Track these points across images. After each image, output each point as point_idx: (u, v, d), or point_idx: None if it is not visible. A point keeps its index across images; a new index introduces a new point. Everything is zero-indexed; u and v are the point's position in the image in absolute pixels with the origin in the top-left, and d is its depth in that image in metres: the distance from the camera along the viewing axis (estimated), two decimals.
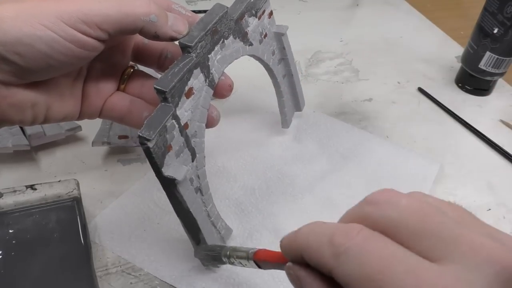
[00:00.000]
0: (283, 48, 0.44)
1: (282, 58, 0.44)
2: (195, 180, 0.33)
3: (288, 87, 0.47)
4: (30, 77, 0.27)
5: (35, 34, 0.25)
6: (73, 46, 0.26)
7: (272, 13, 0.41)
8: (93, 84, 0.32)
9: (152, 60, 0.34)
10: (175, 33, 0.29)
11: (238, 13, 0.35)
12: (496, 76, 0.57)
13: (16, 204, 0.37)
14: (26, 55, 0.25)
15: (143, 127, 0.27)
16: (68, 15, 0.26)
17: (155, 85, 0.28)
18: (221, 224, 0.36)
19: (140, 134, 0.27)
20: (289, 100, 0.48)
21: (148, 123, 0.28)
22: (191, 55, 0.30)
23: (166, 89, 0.28)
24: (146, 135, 0.27)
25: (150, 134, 0.27)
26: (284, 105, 0.47)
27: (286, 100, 0.47)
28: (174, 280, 0.36)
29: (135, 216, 0.40)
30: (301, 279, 0.21)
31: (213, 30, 0.32)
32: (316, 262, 0.20)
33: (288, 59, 0.45)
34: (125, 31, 0.28)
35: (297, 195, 0.43)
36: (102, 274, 0.36)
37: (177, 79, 0.29)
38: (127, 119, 0.33)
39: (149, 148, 0.27)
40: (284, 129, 0.49)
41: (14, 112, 0.28)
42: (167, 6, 0.32)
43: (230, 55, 0.35)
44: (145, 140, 0.27)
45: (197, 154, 0.32)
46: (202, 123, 0.33)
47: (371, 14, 0.74)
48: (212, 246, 0.33)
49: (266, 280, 0.36)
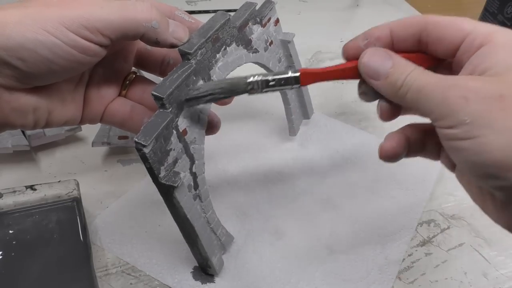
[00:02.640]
0: (289, 56, 0.44)
1: (289, 66, 0.44)
2: (193, 187, 0.33)
3: (295, 95, 0.47)
4: (32, 82, 0.27)
5: (37, 39, 0.25)
6: (75, 52, 0.26)
7: (279, 20, 0.41)
8: (95, 90, 0.32)
9: (155, 66, 0.34)
10: (175, 40, 0.30)
11: (241, 21, 0.35)
12: None
13: (16, 205, 0.37)
14: (28, 60, 0.25)
15: (139, 133, 0.28)
16: (70, 21, 0.26)
17: (152, 92, 0.28)
18: (221, 231, 0.36)
19: (136, 140, 0.27)
20: (297, 107, 0.48)
21: (144, 129, 0.28)
22: (190, 62, 0.30)
23: (164, 96, 0.28)
24: (142, 141, 0.27)
25: (146, 140, 0.27)
26: (291, 112, 0.46)
27: (293, 107, 0.46)
28: (177, 283, 0.36)
29: (136, 218, 0.40)
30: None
31: (214, 38, 0.32)
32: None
33: (295, 67, 0.44)
34: (126, 37, 0.28)
35: (298, 197, 0.43)
36: (102, 274, 0.36)
37: (175, 86, 0.29)
38: (128, 124, 0.33)
39: (145, 154, 0.27)
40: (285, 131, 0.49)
41: (16, 116, 0.28)
42: (170, 12, 0.32)
43: (233, 62, 0.35)
44: (141, 146, 0.27)
45: (196, 160, 0.32)
46: (201, 130, 0.33)
47: (371, 14, 0.74)
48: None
49: (269, 281, 0.36)
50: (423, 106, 0.24)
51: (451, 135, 0.23)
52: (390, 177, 0.45)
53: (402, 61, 0.25)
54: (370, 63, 0.26)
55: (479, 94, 0.22)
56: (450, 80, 0.23)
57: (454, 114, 0.22)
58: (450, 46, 0.25)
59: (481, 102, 0.22)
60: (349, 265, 0.38)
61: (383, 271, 0.38)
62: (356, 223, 0.41)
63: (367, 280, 0.37)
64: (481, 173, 0.22)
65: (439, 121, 0.23)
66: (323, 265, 0.38)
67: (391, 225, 0.41)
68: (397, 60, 0.25)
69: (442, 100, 0.23)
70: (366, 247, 0.39)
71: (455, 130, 0.22)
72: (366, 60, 0.26)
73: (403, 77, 0.24)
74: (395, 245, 0.39)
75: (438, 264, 0.39)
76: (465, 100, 0.22)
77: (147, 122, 0.28)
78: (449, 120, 0.23)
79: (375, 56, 0.26)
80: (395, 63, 0.25)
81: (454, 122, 0.22)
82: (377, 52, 0.26)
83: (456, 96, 0.22)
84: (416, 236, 0.41)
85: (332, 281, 0.37)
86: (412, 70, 0.24)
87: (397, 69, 0.25)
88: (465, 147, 0.22)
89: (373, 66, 0.26)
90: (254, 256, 0.38)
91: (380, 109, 0.27)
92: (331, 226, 0.41)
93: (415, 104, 0.24)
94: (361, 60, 0.26)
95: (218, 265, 0.36)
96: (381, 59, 0.26)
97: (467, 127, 0.22)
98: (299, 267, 0.37)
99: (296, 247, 0.39)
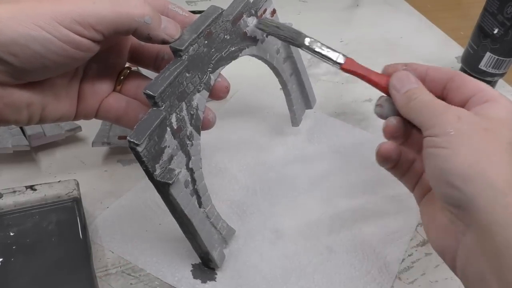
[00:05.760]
0: (288, 46, 0.43)
1: (288, 56, 0.44)
2: (190, 183, 0.33)
3: (296, 85, 0.46)
4: (25, 78, 0.27)
5: (29, 34, 0.25)
6: (67, 47, 0.26)
7: (275, 11, 0.41)
8: (89, 85, 0.32)
9: (149, 61, 0.34)
10: (167, 36, 0.30)
11: (235, 14, 0.35)
12: (496, 77, 0.56)
13: (16, 205, 0.37)
14: (21, 56, 0.25)
15: (132, 132, 0.28)
16: (62, 16, 0.26)
17: (144, 91, 0.28)
18: (221, 225, 0.36)
19: (129, 138, 0.27)
20: (298, 98, 0.47)
21: (137, 128, 0.28)
22: (182, 58, 0.30)
23: (155, 94, 0.28)
24: (135, 139, 0.27)
25: (139, 139, 0.27)
26: (293, 103, 0.46)
27: (294, 98, 0.46)
28: (177, 281, 0.36)
29: (136, 217, 0.40)
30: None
31: (207, 32, 0.32)
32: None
33: (294, 57, 0.44)
34: (119, 32, 0.28)
35: (298, 196, 0.43)
36: (102, 274, 0.36)
37: (167, 83, 0.29)
38: (123, 120, 0.33)
39: (138, 153, 0.27)
40: (285, 130, 0.49)
41: (10, 112, 0.28)
42: (164, 6, 0.32)
43: (227, 56, 0.35)
44: (134, 145, 0.27)
45: (192, 156, 0.32)
46: (197, 126, 0.33)
47: (371, 15, 0.74)
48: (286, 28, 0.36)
49: (269, 279, 0.36)
50: (422, 116, 0.29)
51: (434, 142, 0.27)
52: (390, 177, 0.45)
53: (423, 87, 0.31)
54: (402, 77, 0.31)
55: (471, 119, 0.27)
56: (453, 106, 0.28)
57: (443, 125, 0.27)
58: (464, 95, 0.30)
59: (469, 124, 0.27)
60: (349, 265, 0.38)
61: (383, 271, 0.38)
62: (356, 223, 0.41)
63: (366, 280, 0.37)
64: (444, 180, 0.26)
65: (430, 129, 0.28)
66: (323, 264, 0.38)
67: (391, 225, 0.41)
68: (421, 85, 0.31)
69: (441, 113, 0.28)
70: (366, 247, 0.39)
71: (438, 138, 0.27)
72: (400, 75, 0.31)
73: (418, 93, 0.30)
74: (395, 245, 0.39)
75: (438, 264, 0.39)
76: (458, 118, 0.27)
77: (140, 120, 0.28)
78: (437, 129, 0.27)
79: (409, 76, 0.31)
80: (419, 85, 0.31)
81: (440, 131, 0.27)
82: (410, 74, 0.31)
83: (453, 114, 0.27)
84: (416, 236, 0.41)
85: (332, 280, 0.37)
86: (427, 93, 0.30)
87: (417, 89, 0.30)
88: (440, 154, 0.26)
89: (402, 79, 0.31)
90: (254, 254, 0.38)
91: (387, 124, 0.32)
92: (331, 226, 0.41)
93: (418, 112, 0.29)
94: (396, 73, 0.32)
95: (219, 259, 0.36)
96: (411, 79, 0.31)
97: (449, 138, 0.26)
98: (299, 266, 0.37)
99: (296, 246, 0.39)
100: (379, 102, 0.33)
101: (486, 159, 0.25)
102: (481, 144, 0.26)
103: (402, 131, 0.32)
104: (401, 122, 0.31)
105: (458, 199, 0.26)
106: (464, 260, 0.27)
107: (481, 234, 0.25)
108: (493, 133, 0.26)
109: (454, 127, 0.26)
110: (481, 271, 0.25)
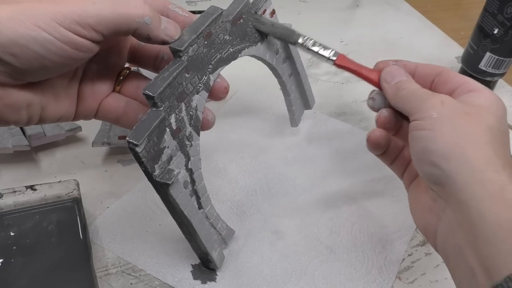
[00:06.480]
0: (287, 46, 0.43)
1: (287, 57, 0.44)
2: (190, 183, 0.33)
3: (295, 85, 0.47)
4: (25, 78, 0.27)
5: (29, 35, 0.25)
6: (67, 47, 0.26)
7: (275, 11, 0.41)
8: (88, 85, 0.32)
9: (148, 61, 0.34)
10: (167, 37, 0.30)
11: (234, 15, 0.35)
12: (496, 77, 0.57)
13: (16, 205, 0.37)
14: (21, 56, 0.25)
15: (131, 132, 0.28)
16: (62, 16, 0.26)
17: (143, 91, 0.28)
18: (221, 225, 0.36)
19: (128, 139, 0.27)
20: (297, 98, 0.47)
21: (136, 128, 0.28)
22: (181, 59, 0.30)
23: (155, 94, 0.28)
24: (134, 140, 0.27)
25: (138, 139, 0.27)
26: (292, 103, 0.46)
27: (293, 98, 0.46)
28: (177, 282, 0.36)
29: (136, 217, 0.40)
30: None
31: (206, 33, 0.32)
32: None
33: (294, 58, 0.44)
34: (119, 33, 0.28)
35: (298, 196, 0.43)
36: (102, 274, 0.36)
37: (166, 84, 0.29)
38: (122, 120, 0.33)
39: (137, 153, 0.28)
40: (285, 130, 0.49)
41: (9, 113, 0.28)
42: (164, 7, 0.32)
43: (227, 57, 0.35)
44: (133, 146, 0.27)
45: (191, 157, 0.32)
46: (196, 126, 0.33)
47: (371, 15, 0.74)
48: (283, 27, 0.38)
49: (269, 280, 0.36)
50: (409, 103, 0.31)
51: (418, 125, 0.29)
52: (390, 177, 0.45)
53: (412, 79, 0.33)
54: (393, 71, 0.33)
55: (454, 104, 0.29)
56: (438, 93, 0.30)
57: (427, 109, 0.29)
58: (450, 87, 0.32)
59: (452, 108, 0.28)
60: (349, 265, 0.38)
61: (383, 271, 0.38)
62: (356, 223, 0.41)
63: (367, 280, 0.37)
64: (427, 159, 0.28)
65: (415, 114, 0.30)
66: (323, 264, 0.38)
67: (391, 225, 0.41)
68: (409, 77, 0.33)
69: (426, 99, 0.30)
70: (366, 247, 0.39)
71: (422, 121, 0.29)
72: (390, 69, 0.34)
73: (406, 84, 0.32)
74: (395, 245, 0.39)
75: (438, 264, 0.39)
76: (441, 103, 0.29)
77: (139, 121, 0.28)
78: (422, 113, 0.29)
79: (399, 69, 0.33)
80: (408, 77, 0.33)
81: (424, 114, 0.29)
82: (400, 68, 0.34)
83: (437, 99, 0.29)
84: (416, 236, 0.41)
85: (332, 281, 0.37)
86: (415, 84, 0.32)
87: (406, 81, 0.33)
88: (424, 136, 0.28)
89: (393, 73, 0.33)
90: (255, 255, 0.38)
91: (379, 116, 0.34)
92: (331, 226, 0.41)
93: (405, 101, 0.31)
94: (387, 68, 0.34)
95: (219, 259, 0.36)
96: (401, 73, 0.33)
97: (432, 120, 0.28)
98: (299, 267, 0.37)
99: (296, 247, 0.39)
100: (371, 95, 0.35)
101: (466, 139, 0.27)
102: (462, 126, 0.27)
103: (394, 122, 0.34)
104: (392, 114, 0.33)
105: (439, 176, 0.27)
106: (443, 236, 0.29)
107: (458, 209, 0.27)
108: (474, 117, 0.28)
109: (437, 111, 0.28)
110: (459, 244, 0.27)
